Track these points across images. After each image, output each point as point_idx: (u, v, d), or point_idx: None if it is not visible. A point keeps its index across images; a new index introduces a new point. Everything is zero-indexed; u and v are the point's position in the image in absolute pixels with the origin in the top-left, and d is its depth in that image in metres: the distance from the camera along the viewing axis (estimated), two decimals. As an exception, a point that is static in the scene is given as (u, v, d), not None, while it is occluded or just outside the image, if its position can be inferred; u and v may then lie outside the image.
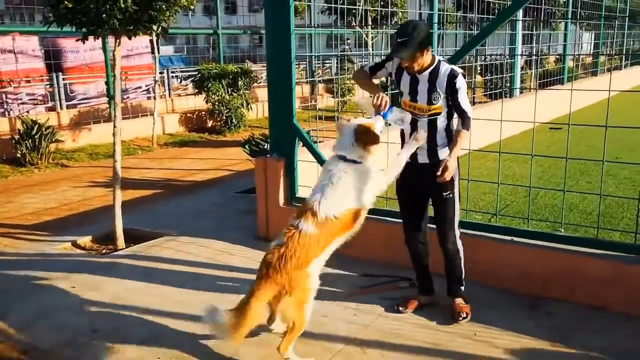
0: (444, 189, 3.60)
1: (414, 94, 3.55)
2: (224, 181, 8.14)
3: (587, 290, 3.86)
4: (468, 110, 3.47)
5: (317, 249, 3.17)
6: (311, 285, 3.18)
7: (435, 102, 3.49)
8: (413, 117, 3.58)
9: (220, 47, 15.13)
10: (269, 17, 4.97)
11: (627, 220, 5.47)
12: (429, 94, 3.48)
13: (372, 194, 3.36)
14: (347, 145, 3.30)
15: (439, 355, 3.32)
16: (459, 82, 3.43)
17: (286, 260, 3.08)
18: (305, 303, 3.15)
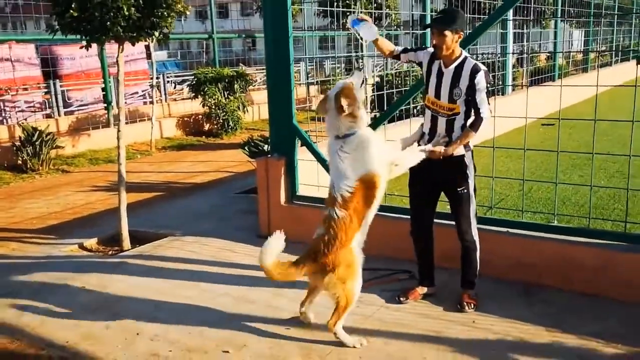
0: (459, 185, 3.73)
1: (437, 90, 3.67)
2: (224, 183, 8.27)
3: (580, 278, 4.01)
4: (484, 112, 3.57)
5: (354, 225, 3.35)
6: (355, 260, 3.38)
7: (456, 98, 3.60)
8: (433, 115, 3.73)
9: (215, 51, 15.27)
10: (267, 21, 5.13)
11: (618, 211, 5.64)
12: (451, 89, 3.60)
13: (378, 158, 3.40)
14: (334, 120, 3.39)
15: (439, 342, 3.47)
16: (479, 78, 3.53)
17: (332, 244, 3.31)
18: (351, 278, 3.35)
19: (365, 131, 3.43)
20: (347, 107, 3.33)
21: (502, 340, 3.48)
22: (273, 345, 3.49)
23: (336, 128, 3.41)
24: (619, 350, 3.31)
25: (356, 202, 3.35)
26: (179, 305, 4.07)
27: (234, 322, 3.79)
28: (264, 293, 4.19)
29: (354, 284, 3.38)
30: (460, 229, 3.83)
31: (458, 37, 3.57)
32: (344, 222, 3.32)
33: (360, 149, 3.36)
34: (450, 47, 3.57)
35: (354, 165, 3.35)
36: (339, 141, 3.41)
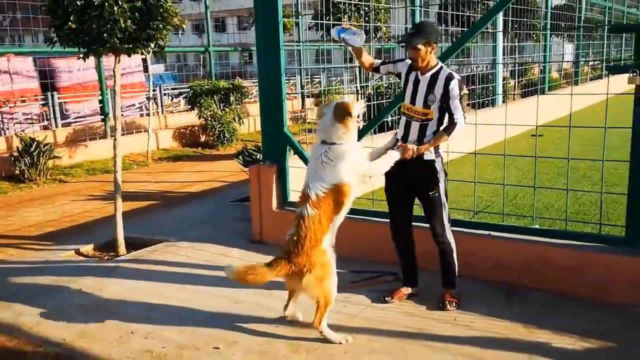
0: (431, 189, 3.93)
1: (413, 96, 3.88)
2: (219, 192, 8.43)
3: (557, 278, 4.17)
4: (458, 117, 3.76)
5: (323, 226, 3.52)
6: (328, 260, 3.56)
7: (430, 104, 3.81)
8: (407, 120, 3.94)
9: (211, 64, 15.51)
10: (259, 34, 5.32)
11: (598, 216, 5.80)
12: (426, 95, 3.82)
13: (354, 172, 3.61)
14: (327, 126, 3.58)
15: (421, 338, 3.63)
16: (452, 85, 3.74)
17: (301, 244, 3.47)
18: (327, 278, 3.52)
19: (351, 145, 3.62)
20: (346, 121, 3.54)
21: (481, 336, 3.64)
22: (262, 342, 3.63)
23: (327, 134, 3.59)
24: (590, 345, 3.46)
25: (327, 204, 3.52)
26: (172, 306, 4.22)
27: (225, 321, 3.94)
28: (255, 294, 4.34)
29: (331, 283, 3.56)
30: (434, 231, 4.02)
31: (431, 49, 3.79)
32: (314, 220, 3.49)
33: (340, 160, 3.55)
34: (425, 58, 3.80)
35: (331, 173, 3.54)
36: (324, 146, 3.59)
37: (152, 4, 4.94)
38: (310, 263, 3.47)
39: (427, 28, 3.81)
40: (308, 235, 3.48)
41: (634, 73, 3.68)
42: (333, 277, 3.57)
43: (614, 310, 3.87)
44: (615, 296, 3.95)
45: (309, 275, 3.47)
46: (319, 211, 3.50)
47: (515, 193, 6.74)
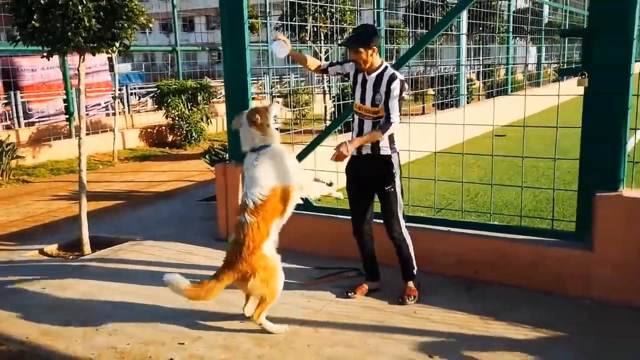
0: (387, 184, 4.05)
1: (362, 96, 4.00)
2: (186, 191, 8.44)
3: (514, 272, 4.34)
4: (393, 117, 3.89)
5: (262, 232, 3.58)
6: (270, 262, 3.62)
7: (378, 103, 3.93)
8: (360, 118, 4.04)
9: (178, 64, 15.44)
10: (225, 33, 5.37)
11: (555, 214, 6.01)
12: (373, 95, 3.94)
13: (294, 173, 3.73)
14: (247, 134, 3.72)
15: (382, 331, 3.74)
16: (394, 85, 3.87)
17: (240, 251, 3.54)
18: (271, 279, 3.61)
19: (278, 145, 3.76)
20: (258, 120, 3.67)
21: (439, 328, 3.77)
22: (226, 337, 3.70)
23: (250, 141, 3.72)
24: (544, 335, 3.62)
25: (265, 210, 3.58)
26: (137, 304, 4.24)
27: (190, 317, 3.99)
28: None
29: (275, 283, 3.65)
30: (388, 225, 4.13)
31: (372, 51, 3.90)
32: (252, 228, 3.54)
33: (276, 161, 3.66)
34: (367, 60, 3.91)
35: (268, 176, 3.61)
36: (254, 154, 3.70)
37: (117, 3, 4.95)
38: (251, 269, 3.54)
39: (366, 32, 3.94)
40: (246, 243, 3.53)
41: (583, 75, 3.86)
42: (277, 277, 3.66)
43: (567, 302, 4.04)
44: (569, 289, 4.12)
45: (253, 280, 3.56)
46: (257, 218, 3.55)
47: (477, 191, 6.92)
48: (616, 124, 3.83)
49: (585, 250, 4.06)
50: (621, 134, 3.83)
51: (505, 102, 11.87)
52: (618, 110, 3.80)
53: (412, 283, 4.19)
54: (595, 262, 4.01)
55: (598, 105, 3.88)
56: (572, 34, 7.40)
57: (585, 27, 3.96)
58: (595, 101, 3.89)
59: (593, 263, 4.01)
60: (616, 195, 3.89)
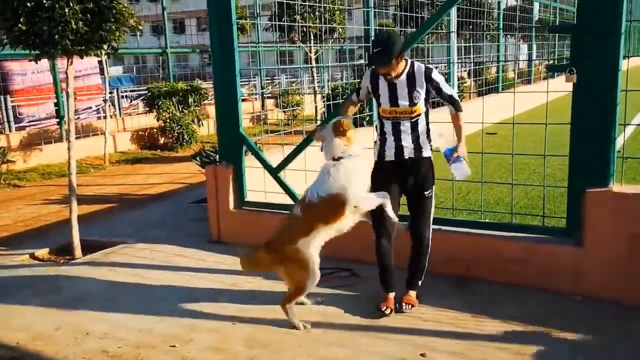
0: (426, 188, 3.88)
1: (393, 100, 3.75)
2: (178, 193, 8.41)
3: (505, 269, 4.34)
4: (454, 94, 3.84)
5: (303, 229, 3.68)
6: (304, 259, 3.70)
7: (416, 101, 3.73)
8: (394, 122, 3.79)
9: (169, 66, 15.41)
10: (214, 33, 5.36)
11: (546, 210, 6.04)
12: (410, 94, 3.73)
13: (355, 189, 3.65)
14: (331, 144, 3.69)
15: (374, 330, 3.73)
16: (435, 75, 3.73)
17: (279, 238, 3.76)
18: (297, 273, 3.73)
19: (357, 159, 3.72)
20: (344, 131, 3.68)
21: (431, 326, 3.76)
22: (218, 339, 3.68)
23: (334, 151, 3.69)
24: (535, 331, 3.63)
25: (316, 211, 3.67)
26: (128, 307, 4.22)
27: (181, 320, 3.97)
28: (211, 293, 4.39)
29: (302, 279, 3.74)
30: (418, 230, 3.95)
31: (401, 58, 3.71)
32: (296, 221, 3.72)
33: (347, 172, 3.65)
34: (397, 69, 3.71)
35: (335, 183, 3.65)
36: (332, 162, 3.70)
37: (104, 5, 4.93)
38: (283, 257, 3.72)
39: (393, 43, 3.59)
40: (285, 233, 3.75)
41: (571, 72, 3.86)
42: (305, 274, 3.73)
43: (557, 298, 4.05)
44: (560, 285, 4.13)
45: (282, 268, 3.78)
46: (305, 215, 3.69)
47: (468, 189, 6.93)
48: (605, 120, 3.83)
49: (575, 247, 4.07)
50: (611, 130, 3.84)
51: (496, 100, 11.91)
52: (607, 106, 3.81)
53: (414, 293, 4.07)
54: (585, 258, 4.02)
55: (587, 101, 3.89)
56: (561, 30, 7.41)
57: (574, 23, 3.96)
58: (585, 97, 3.90)
59: (583, 259, 4.03)
60: (606, 191, 3.90)
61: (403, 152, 3.82)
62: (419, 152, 3.84)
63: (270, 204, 5.49)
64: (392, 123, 3.81)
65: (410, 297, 4.03)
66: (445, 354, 3.39)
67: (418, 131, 3.82)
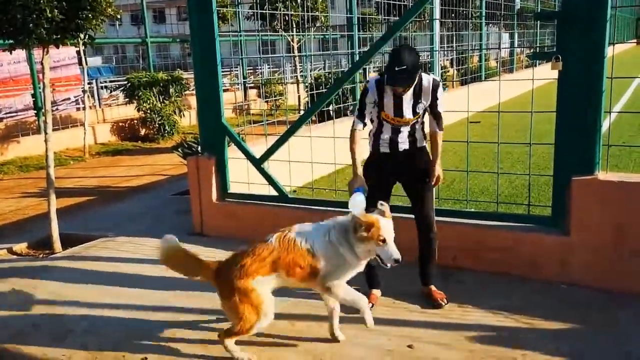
0: (426, 176, 3.80)
1: (398, 112, 3.66)
2: (160, 185, 8.30)
3: (491, 258, 4.33)
4: (442, 112, 3.74)
5: (266, 266, 3.17)
6: (254, 296, 3.14)
7: (419, 111, 3.69)
8: (394, 127, 3.71)
9: (149, 56, 15.18)
10: (193, 22, 5.24)
11: (531, 199, 6.04)
12: (414, 106, 3.65)
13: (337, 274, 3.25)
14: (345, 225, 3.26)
15: (360, 322, 3.67)
16: (440, 91, 3.67)
17: (235, 265, 3.17)
18: (245, 312, 3.13)
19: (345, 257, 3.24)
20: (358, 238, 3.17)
21: (418, 317, 3.74)
22: (203, 334, 3.61)
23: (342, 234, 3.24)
24: (521, 320, 3.62)
25: (291, 257, 3.19)
26: (109, 303, 4.13)
27: (165, 315, 3.90)
28: (194, 287, 4.28)
29: (248, 318, 3.15)
30: (428, 224, 3.86)
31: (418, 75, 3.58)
32: (259, 255, 3.19)
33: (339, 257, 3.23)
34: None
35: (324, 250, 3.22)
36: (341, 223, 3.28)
37: (80, -7, 4.79)
38: (232, 289, 3.15)
39: (414, 66, 3.44)
40: (244, 262, 3.18)
41: (557, 59, 3.83)
42: (252, 314, 3.15)
43: (543, 287, 4.04)
44: (545, 274, 4.12)
45: (228, 300, 3.19)
46: (280, 250, 3.19)
47: (453, 178, 6.91)
48: (591, 108, 3.81)
49: (561, 235, 4.06)
50: (596, 118, 3.82)
51: (479, 88, 11.91)
52: (592, 94, 3.79)
53: (434, 286, 3.98)
54: (571, 246, 4.01)
55: (573, 89, 3.86)
56: (547, 17, 7.40)
57: (560, 10, 3.92)
58: (570, 85, 3.87)
59: (569, 248, 4.02)
60: (592, 179, 3.88)
61: (398, 146, 3.78)
62: (413, 143, 3.80)
63: (254, 195, 5.41)
64: (393, 127, 3.75)
65: (437, 291, 3.93)
66: (433, 345, 3.37)
67: (415, 129, 3.79)
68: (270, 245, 3.22)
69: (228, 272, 3.19)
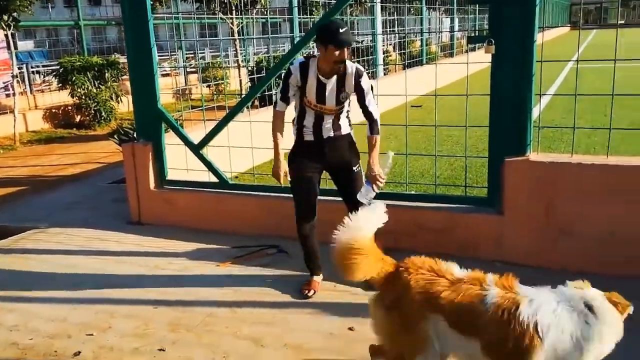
0: (354, 163, 3.76)
1: (320, 97, 3.58)
2: (96, 173, 8.01)
3: (431, 239, 4.39)
4: (375, 113, 3.61)
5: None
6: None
7: (343, 100, 3.62)
8: (318, 114, 3.63)
9: (83, 39, 14.60)
10: (125, 3, 5.04)
11: (469, 181, 6.18)
12: (337, 95, 3.58)
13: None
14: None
15: (303, 307, 3.68)
16: (364, 81, 3.56)
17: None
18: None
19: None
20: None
21: (360, 300, 3.74)
22: (139, 324, 3.52)
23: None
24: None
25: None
26: (41, 295, 3.97)
27: (100, 307, 3.77)
28: (132, 278, 4.20)
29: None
30: (356, 208, 3.61)
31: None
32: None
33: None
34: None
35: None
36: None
37: (1, -29, 4.52)
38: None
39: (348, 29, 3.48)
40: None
41: (490, 43, 3.90)
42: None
43: (478, 265, 4.10)
44: (482, 252, 4.22)
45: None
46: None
47: (395, 161, 6.95)
48: (522, 90, 3.91)
49: (496, 215, 4.17)
50: (527, 100, 3.92)
51: (421, 73, 12.07)
52: (523, 77, 3.88)
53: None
54: (505, 225, 4.12)
55: (504, 72, 3.94)
56: (480, 1, 7.53)
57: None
58: (502, 68, 3.95)
59: (503, 226, 4.13)
60: (524, 160, 3.99)
61: (322, 133, 3.70)
62: (337, 130, 3.73)
63: (194, 182, 5.30)
64: (316, 114, 3.67)
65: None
66: (373, 327, 3.39)
67: (339, 117, 3.72)
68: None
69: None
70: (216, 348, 3.24)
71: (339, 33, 3.37)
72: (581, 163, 3.85)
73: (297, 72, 3.58)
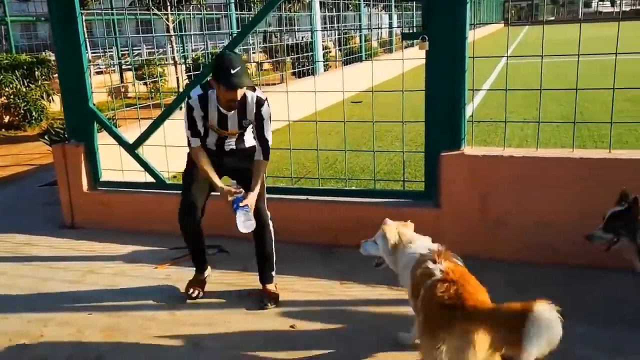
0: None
1: (223, 124, 3.54)
2: (27, 176, 7.66)
3: (371, 234, 4.42)
4: (269, 139, 3.55)
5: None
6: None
7: (246, 125, 3.57)
8: (220, 136, 3.60)
9: (10, 36, 13.96)
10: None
11: (408, 175, 6.28)
12: (240, 121, 3.53)
13: None
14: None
15: (243, 306, 3.65)
16: (264, 110, 3.50)
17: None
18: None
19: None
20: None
21: (301, 297, 3.76)
22: (73, 332, 3.39)
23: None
24: (398, 291, 3.74)
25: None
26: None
27: (31, 315, 3.61)
28: (63, 284, 4.05)
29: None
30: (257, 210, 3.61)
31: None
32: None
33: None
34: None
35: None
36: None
37: None
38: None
39: (244, 64, 3.34)
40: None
41: (424, 39, 3.96)
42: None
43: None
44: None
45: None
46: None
47: (335, 158, 7.03)
48: (455, 86, 3.99)
49: (434, 208, 4.25)
50: (461, 96, 4.01)
51: (361, 69, 12.17)
52: (456, 72, 3.96)
53: (272, 285, 3.78)
54: (443, 218, 4.20)
55: (438, 68, 4.02)
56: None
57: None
58: (435, 64, 4.02)
59: (441, 219, 4.21)
60: (459, 154, 4.08)
61: (224, 147, 3.67)
62: (241, 144, 3.69)
63: (129, 183, 5.15)
64: (218, 136, 3.62)
65: (270, 290, 3.73)
66: (315, 322, 3.40)
67: (243, 140, 3.69)
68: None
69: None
70: (155, 352, 3.16)
71: (229, 74, 3.23)
72: (512, 156, 3.98)
73: (197, 106, 3.48)
